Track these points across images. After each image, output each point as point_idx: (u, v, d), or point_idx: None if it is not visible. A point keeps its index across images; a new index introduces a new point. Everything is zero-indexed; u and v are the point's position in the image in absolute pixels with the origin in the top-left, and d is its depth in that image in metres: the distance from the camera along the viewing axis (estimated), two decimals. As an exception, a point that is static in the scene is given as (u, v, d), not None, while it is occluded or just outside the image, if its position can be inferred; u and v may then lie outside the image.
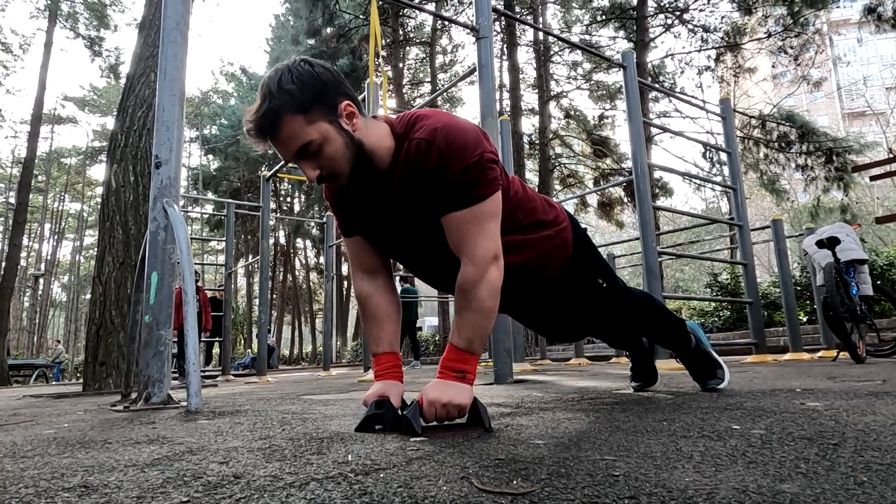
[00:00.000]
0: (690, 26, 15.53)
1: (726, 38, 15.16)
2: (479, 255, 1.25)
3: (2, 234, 31.18)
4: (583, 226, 1.67)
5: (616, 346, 2.11)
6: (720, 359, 2.02)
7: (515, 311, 1.74)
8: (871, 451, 0.87)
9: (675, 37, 15.95)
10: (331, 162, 1.22)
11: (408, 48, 21.07)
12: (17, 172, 26.08)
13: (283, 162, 7.00)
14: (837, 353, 4.50)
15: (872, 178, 5.28)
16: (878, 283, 5.38)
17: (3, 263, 14.69)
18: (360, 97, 5.52)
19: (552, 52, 17.87)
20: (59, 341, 21.71)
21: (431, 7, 16.87)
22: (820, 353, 5.16)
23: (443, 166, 1.22)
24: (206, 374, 7.88)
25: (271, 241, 23.90)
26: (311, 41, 20.07)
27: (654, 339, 1.98)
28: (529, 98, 19.16)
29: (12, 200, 24.57)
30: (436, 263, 1.40)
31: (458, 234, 1.26)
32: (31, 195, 17.88)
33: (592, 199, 18.29)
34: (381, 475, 0.82)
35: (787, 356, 5.01)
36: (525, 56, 18.79)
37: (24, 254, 27.24)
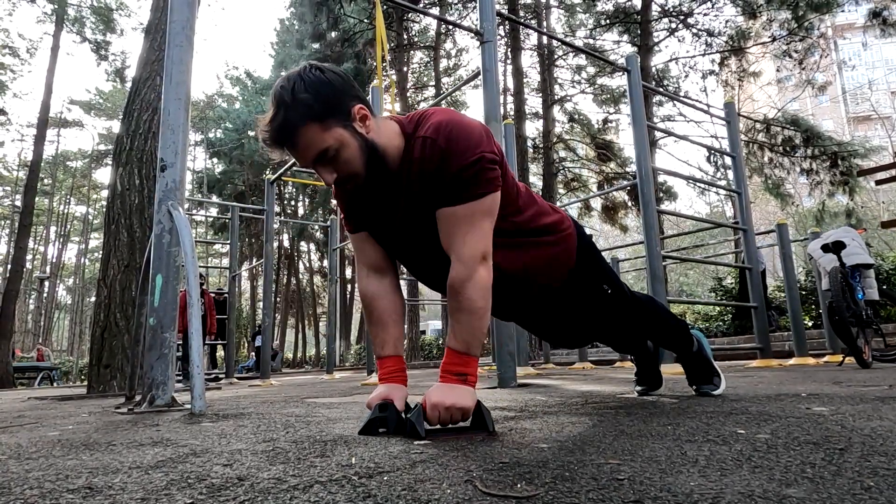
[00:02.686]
0: (694, 30, 15.53)
1: (730, 42, 15.15)
2: (467, 254, 1.25)
3: (7, 236, 31.34)
4: (588, 232, 1.66)
5: (621, 350, 2.10)
6: (719, 369, 2.03)
7: (519, 317, 1.73)
8: (877, 456, 0.86)
9: (679, 41, 15.98)
10: (347, 165, 1.23)
11: (412, 52, 21.13)
12: (23, 175, 26.21)
13: (287, 166, 7.03)
14: (843, 357, 4.47)
15: (878, 183, 5.26)
16: (884, 287, 5.35)
17: (9, 266, 14.76)
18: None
19: (556, 57, 17.88)
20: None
21: (436, 11, 16.92)
22: (825, 358, 5.13)
23: (444, 163, 1.23)
24: (210, 376, 7.89)
25: (275, 244, 23.96)
26: (316, 45, 20.16)
27: (657, 342, 1.98)
28: (533, 102, 19.18)
29: (18, 203, 24.70)
30: (436, 264, 1.40)
31: (449, 230, 1.27)
32: (36, 198, 17.97)
33: (596, 203, 18.26)
34: (385, 478, 0.82)
35: (792, 361, 4.99)
36: (529, 60, 18.78)
37: (29, 257, 27.38)
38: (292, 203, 28.43)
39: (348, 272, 25.34)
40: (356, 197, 1.41)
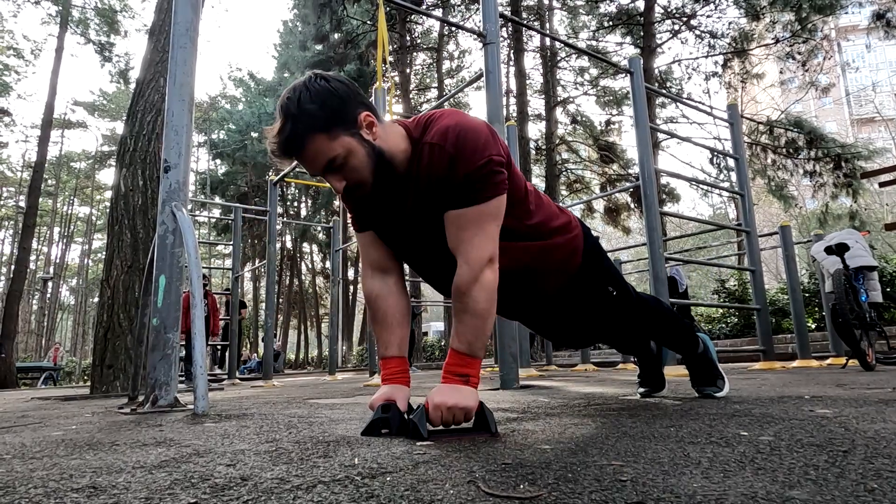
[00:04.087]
0: (697, 32, 15.52)
1: (734, 44, 15.14)
2: (473, 257, 1.26)
3: (11, 237, 31.44)
4: (594, 234, 1.67)
5: (625, 351, 2.10)
6: (723, 371, 2.03)
7: (523, 317, 1.74)
8: (881, 459, 0.86)
9: (682, 42, 15.90)
10: (355, 173, 1.26)
11: (415, 53, 21.16)
12: (27, 176, 26.32)
13: (289, 167, 7.04)
14: (846, 360, 4.46)
15: (881, 185, 5.25)
16: (888, 290, 5.33)
17: (13, 266, 14.80)
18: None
19: (559, 58, 17.89)
20: (59, 344, 21.84)
21: (439, 13, 16.94)
22: (829, 361, 5.12)
23: (452, 169, 1.25)
24: (213, 377, 7.91)
25: (278, 245, 23.98)
26: (319, 47, 20.23)
27: (662, 342, 1.97)
28: (536, 103, 19.19)
29: (22, 204, 24.79)
30: (443, 266, 1.41)
31: (456, 232, 1.28)
32: (40, 199, 18.02)
33: (599, 205, 18.25)
34: (388, 478, 0.82)
35: (795, 363, 4.97)
36: (532, 62, 18.82)
37: (33, 257, 27.43)
38: (295, 204, 28.48)
39: (350, 273, 25.37)
40: (364, 200, 1.42)
